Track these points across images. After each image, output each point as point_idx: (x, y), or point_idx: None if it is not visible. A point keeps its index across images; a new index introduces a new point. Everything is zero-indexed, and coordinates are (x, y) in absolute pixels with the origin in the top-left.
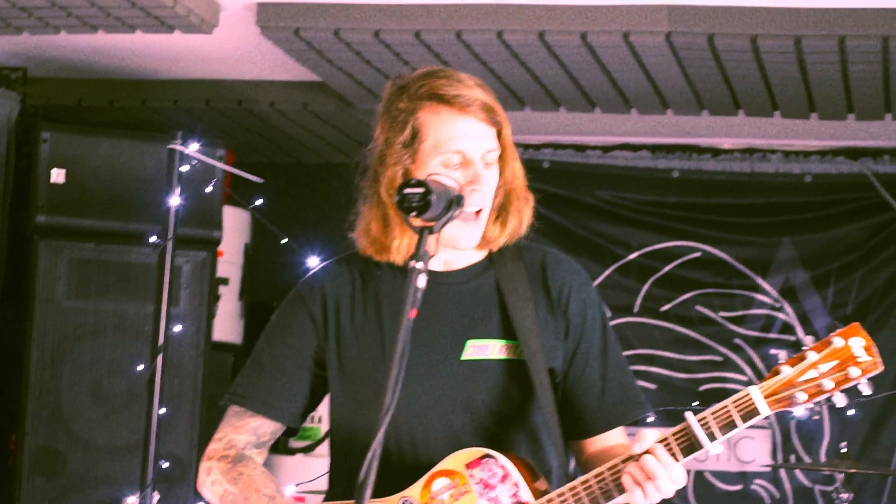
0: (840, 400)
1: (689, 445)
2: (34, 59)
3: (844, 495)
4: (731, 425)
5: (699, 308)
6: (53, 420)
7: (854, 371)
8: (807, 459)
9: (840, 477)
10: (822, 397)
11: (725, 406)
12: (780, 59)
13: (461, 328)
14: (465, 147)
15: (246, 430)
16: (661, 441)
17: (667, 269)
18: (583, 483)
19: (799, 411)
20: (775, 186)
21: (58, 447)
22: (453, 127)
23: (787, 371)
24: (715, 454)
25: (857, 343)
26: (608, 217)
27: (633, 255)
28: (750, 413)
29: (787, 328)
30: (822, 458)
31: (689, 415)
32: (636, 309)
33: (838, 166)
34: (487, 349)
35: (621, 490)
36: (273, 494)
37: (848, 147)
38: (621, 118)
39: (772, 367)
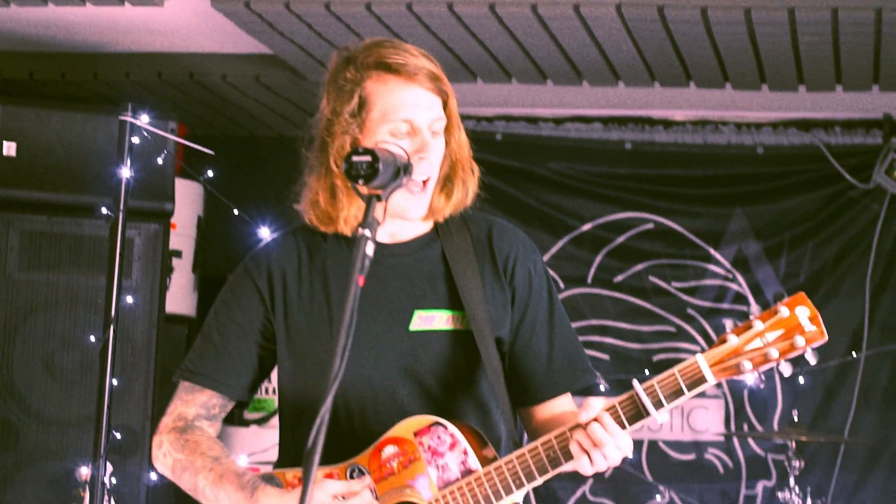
0: (786, 369)
1: (636, 413)
2: None
3: (796, 463)
4: (677, 393)
5: (652, 279)
6: (6, 393)
7: (799, 340)
8: (760, 428)
9: (793, 445)
10: (768, 366)
11: (672, 374)
12: (731, 31)
13: (408, 299)
14: (412, 116)
15: (195, 404)
16: (607, 409)
17: (620, 240)
18: (530, 451)
19: (749, 379)
20: (728, 158)
21: (10, 420)
22: (401, 96)
23: (733, 340)
24: (662, 422)
25: (803, 313)
26: (561, 189)
27: (586, 227)
28: (696, 381)
29: (739, 298)
30: (775, 427)
31: (635, 382)
32: (589, 280)
33: (790, 138)
34: (434, 320)
35: (568, 457)
36: (218, 456)
37: (800, 119)
38: (573, 90)
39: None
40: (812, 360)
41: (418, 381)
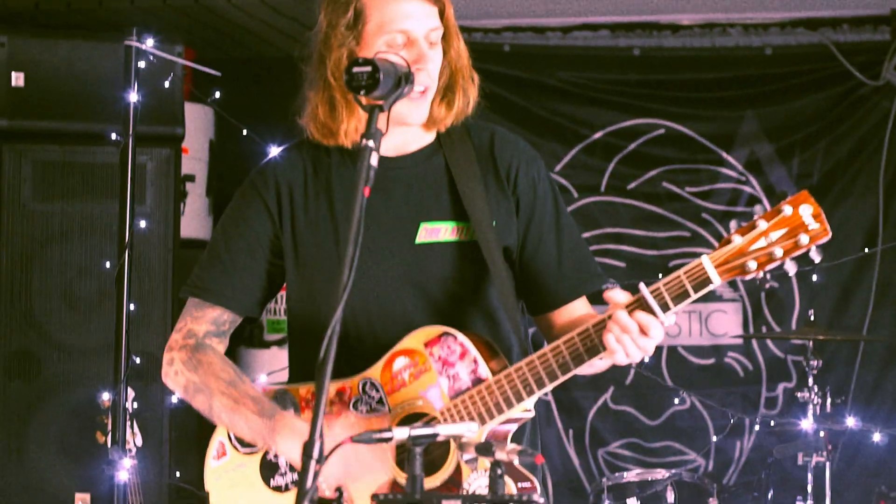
0: (791, 268)
1: None
2: None
3: (814, 362)
4: (683, 295)
5: (665, 184)
6: (26, 324)
7: (803, 238)
8: (778, 330)
9: (810, 345)
10: (773, 265)
11: (678, 276)
12: None
13: (413, 212)
14: (408, 26)
15: (205, 321)
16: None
17: (631, 147)
18: (539, 357)
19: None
20: (736, 60)
21: (32, 350)
22: (397, 7)
23: (737, 240)
24: (669, 324)
25: (807, 210)
26: (571, 98)
27: (597, 135)
28: (702, 283)
29: (753, 201)
30: (794, 328)
31: (642, 286)
32: (603, 188)
33: (798, 37)
34: (440, 232)
35: (593, 353)
36: (232, 379)
37: (807, 18)
38: None
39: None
40: (816, 257)
41: (426, 294)
